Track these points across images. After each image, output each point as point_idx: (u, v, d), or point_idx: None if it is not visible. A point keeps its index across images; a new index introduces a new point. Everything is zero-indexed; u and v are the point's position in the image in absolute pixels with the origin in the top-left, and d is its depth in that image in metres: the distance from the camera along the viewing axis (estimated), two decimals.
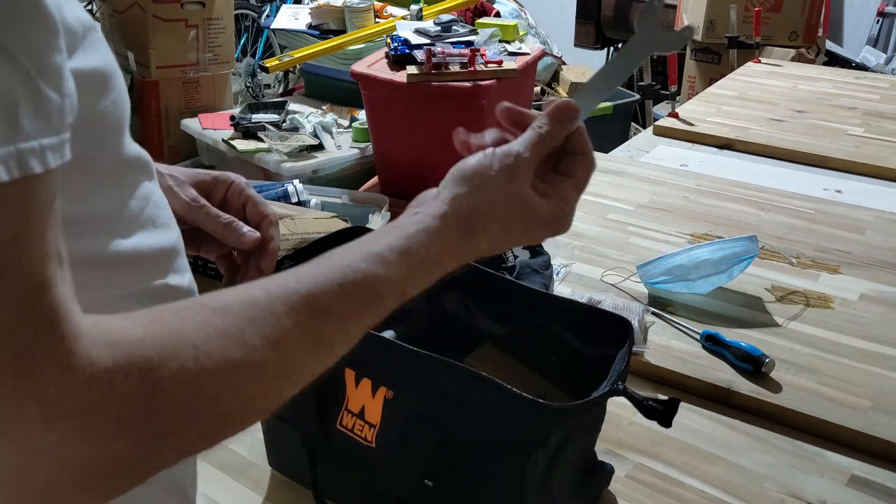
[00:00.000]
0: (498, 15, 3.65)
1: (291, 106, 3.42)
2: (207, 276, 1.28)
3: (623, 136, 3.29)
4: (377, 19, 3.64)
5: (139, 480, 0.43)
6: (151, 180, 0.59)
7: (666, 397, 0.78)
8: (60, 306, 0.39)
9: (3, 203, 0.38)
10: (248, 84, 4.68)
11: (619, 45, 4.85)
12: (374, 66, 2.82)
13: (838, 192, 1.80)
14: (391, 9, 3.79)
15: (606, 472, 0.87)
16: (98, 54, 0.49)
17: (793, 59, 3.34)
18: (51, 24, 0.40)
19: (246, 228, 0.73)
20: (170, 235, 0.59)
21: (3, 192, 0.38)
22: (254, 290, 0.47)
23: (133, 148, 0.56)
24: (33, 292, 0.38)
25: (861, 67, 4.07)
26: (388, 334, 0.92)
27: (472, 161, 0.59)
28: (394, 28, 3.12)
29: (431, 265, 0.54)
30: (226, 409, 0.44)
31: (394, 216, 2.66)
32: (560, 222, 0.60)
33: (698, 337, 1.18)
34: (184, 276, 0.61)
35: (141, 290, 0.56)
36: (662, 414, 0.77)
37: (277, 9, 4.28)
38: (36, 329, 0.38)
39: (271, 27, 4.21)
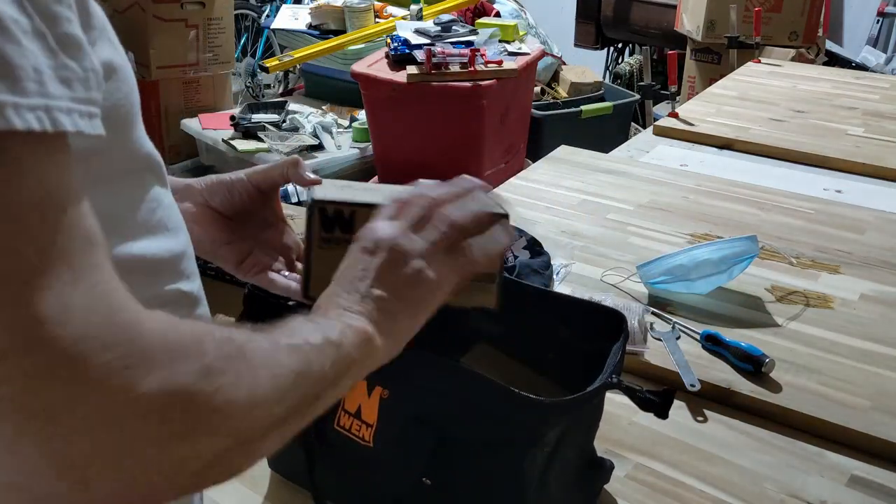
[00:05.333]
0: (498, 15, 3.65)
1: (291, 106, 3.42)
2: (207, 277, 1.28)
3: (623, 136, 3.29)
4: (377, 19, 3.64)
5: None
6: (163, 185, 0.58)
7: (662, 388, 0.78)
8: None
9: (38, 155, 0.37)
10: (248, 84, 4.69)
11: (619, 45, 4.86)
12: (374, 66, 2.82)
13: (838, 192, 1.80)
14: (391, 9, 3.79)
15: (606, 468, 0.87)
16: (111, 47, 0.49)
17: (793, 59, 3.33)
18: None
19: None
20: (180, 240, 0.59)
21: (38, 143, 0.37)
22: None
23: (145, 146, 0.55)
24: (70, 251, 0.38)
25: (861, 67, 4.07)
26: None
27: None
28: (394, 28, 3.12)
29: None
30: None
31: None
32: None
33: (698, 337, 1.18)
34: (193, 283, 0.61)
35: (152, 295, 0.56)
36: (658, 406, 0.77)
37: (277, 9, 4.28)
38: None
39: (271, 27, 4.22)
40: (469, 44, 2.83)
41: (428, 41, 2.86)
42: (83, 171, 0.42)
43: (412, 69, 2.70)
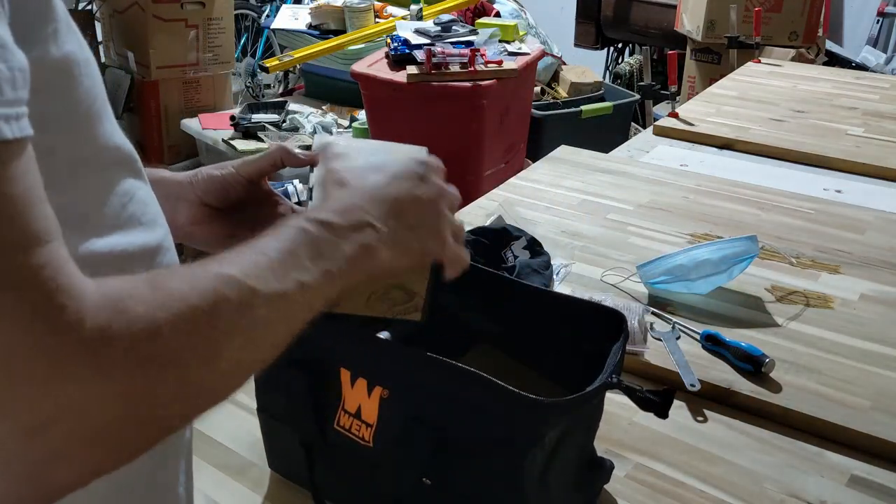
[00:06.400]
0: (498, 15, 3.65)
1: (291, 106, 3.42)
2: None
3: (623, 136, 3.29)
4: (377, 19, 3.64)
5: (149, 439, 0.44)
6: (136, 177, 0.57)
7: (662, 388, 0.78)
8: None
9: None
10: (248, 84, 4.69)
11: (619, 45, 4.86)
12: (374, 66, 2.82)
13: (838, 192, 1.80)
14: (391, 9, 3.79)
15: (606, 468, 0.87)
16: (75, 39, 0.49)
17: (793, 59, 3.33)
18: None
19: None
20: (156, 234, 0.59)
21: None
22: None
23: (114, 140, 0.54)
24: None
25: (861, 67, 4.07)
26: (384, 334, 0.92)
27: None
28: (394, 28, 3.12)
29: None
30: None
31: None
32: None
33: (698, 337, 1.18)
34: None
35: None
36: (658, 406, 0.77)
37: (277, 9, 4.28)
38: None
39: (271, 27, 4.22)
40: (469, 44, 2.83)
41: (428, 41, 2.86)
42: (41, 166, 0.42)
43: (412, 69, 2.70)
